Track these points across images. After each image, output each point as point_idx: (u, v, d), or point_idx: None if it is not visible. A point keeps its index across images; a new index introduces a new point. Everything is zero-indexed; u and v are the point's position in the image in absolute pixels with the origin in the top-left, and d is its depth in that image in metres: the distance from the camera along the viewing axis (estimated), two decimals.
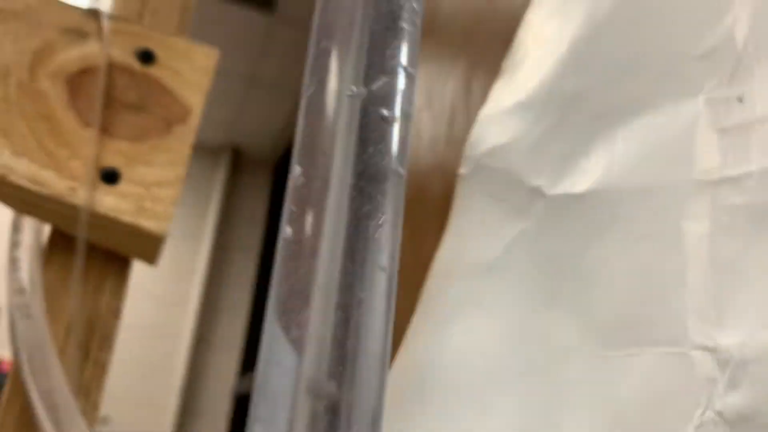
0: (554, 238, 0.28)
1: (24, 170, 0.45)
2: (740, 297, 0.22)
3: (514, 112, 0.33)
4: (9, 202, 0.47)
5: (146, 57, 0.51)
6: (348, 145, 0.23)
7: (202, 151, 3.78)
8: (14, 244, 0.46)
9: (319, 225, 0.21)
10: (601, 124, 0.29)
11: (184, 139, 0.51)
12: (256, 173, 3.87)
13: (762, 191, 0.22)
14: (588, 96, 0.30)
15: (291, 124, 3.37)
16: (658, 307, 0.24)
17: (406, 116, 0.23)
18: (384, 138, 0.23)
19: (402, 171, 0.21)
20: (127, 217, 0.47)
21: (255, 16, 2.68)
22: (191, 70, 0.53)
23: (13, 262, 0.45)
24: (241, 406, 3.52)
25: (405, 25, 0.27)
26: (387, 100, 0.23)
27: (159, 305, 3.57)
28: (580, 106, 0.30)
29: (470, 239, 0.31)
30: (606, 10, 0.31)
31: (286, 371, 0.19)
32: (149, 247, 0.49)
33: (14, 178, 0.45)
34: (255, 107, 3.28)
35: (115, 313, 0.49)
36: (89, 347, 0.47)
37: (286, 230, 0.20)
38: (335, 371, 0.19)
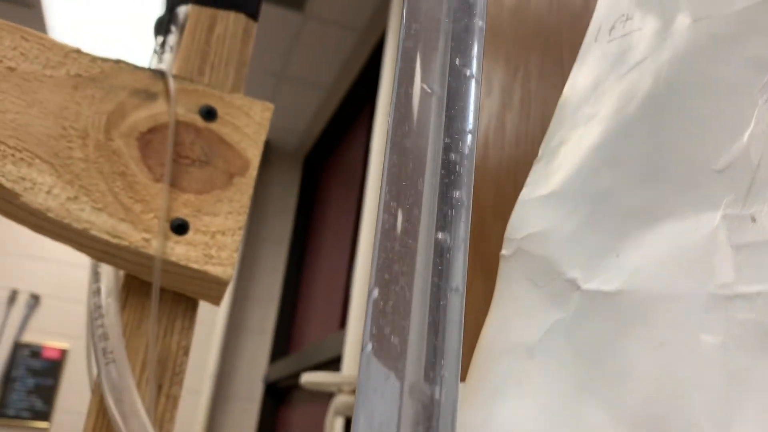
0: (588, 330, 0.32)
1: (103, 224, 0.50)
2: (749, 406, 0.25)
3: (551, 201, 0.36)
4: (89, 252, 0.52)
5: (209, 114, 0.56)
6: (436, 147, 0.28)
7: None
8: (95, 292, 0.51)
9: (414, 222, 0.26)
10: (630, 224, 0.32)
11: (244, 190, 0.56)
12: (286, 167, 3.93)
13: (766, 312, 0.25)
14: (618, 194, 0.33)
15: (319, 119, 3.41)
16: (676, 408, 0.27)
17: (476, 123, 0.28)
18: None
19: (469, 194, 0.25)
20: (196, 265, 0.52)
21: (285, 13, 2.72)
22: (249, 125, 0.57)
23: (96, 309, 0.50)
24: (271, 392, 3.61)
25: (479, 22, 0.32)
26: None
27: None
28: (610, 203, 0.34)
29: (514, 320, 0.35)
30: (636, 107, 0.35)
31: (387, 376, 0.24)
32: (215, 290, 0.54)
33: (95, 232, 0.50)
34: (284, 102, 3.32)
35: (185, 350, 0.53)
36: (162, 383, 0.52)
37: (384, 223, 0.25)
38: (429, 375, 0.24)
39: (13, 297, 3.21)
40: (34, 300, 3.24)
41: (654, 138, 0.34)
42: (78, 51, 0.53)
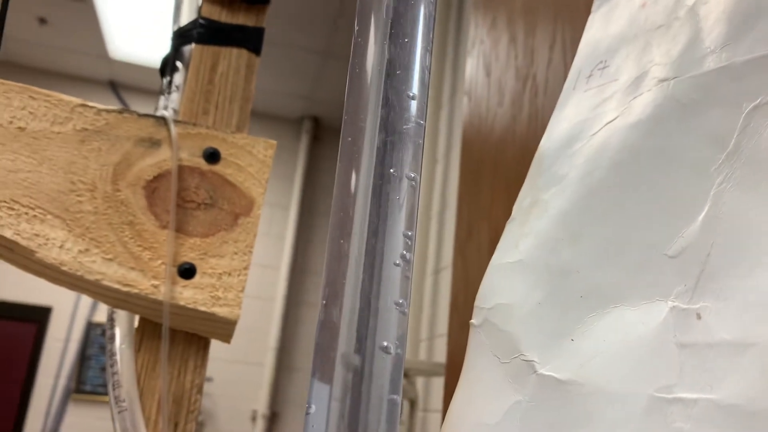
0: (541, 419, 0.32)
1: (114, 274, 0.53)
2: None
3: (517, 271, 0.36)
4: (103, 299, 0.54)
5: (212, 156, 0.57)
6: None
7: (286, 123, 3.89)
8: (109, 338, 0.54)
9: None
10: (586, 307, 0.32)
11: (249, 229, 0.57)
12: (336, 141, 3.95)
13: (700, 423, 0.25)
14: (577, 272, 0.33)
15: None
16: None
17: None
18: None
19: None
20: (204, 307, 0.54)
21: None
22: (252, 164, 0.58)
23: (110, 356, 0.53)
24: None
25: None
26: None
27: (258, 272, 3.76)
28: (570, 281, 0.33)
29: (478, 397, 0.36)
30: (601, 175, 0.34)
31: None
32: (224, 329, 0.56)
33: (107, 282, 0.52)
34: (331, 78, 3.33)
35: (198, 388, 0.56)
36: (178, 420, 0.55)
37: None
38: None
39: None
40: None
41: (615, 214, 0.33)
42: (83, 105, 0.55)
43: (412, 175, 0.30)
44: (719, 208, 0.29)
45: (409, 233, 0.30)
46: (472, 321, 0.38)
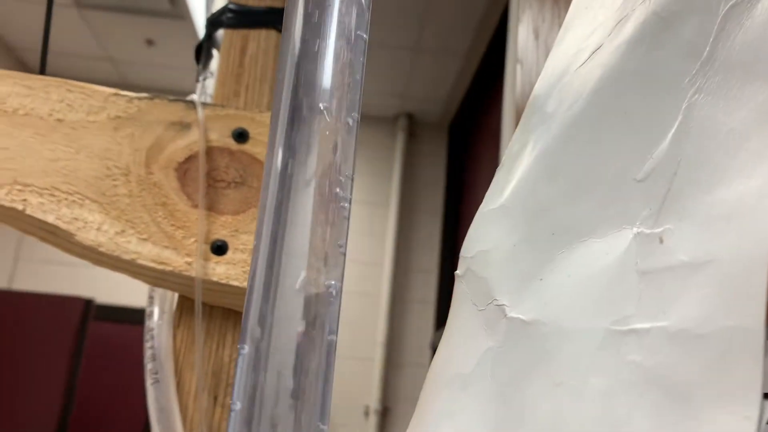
0: (508, 363, 0.30)
1: (149, 253, 0.55)
2: None
3: (498, 216, 0.34)
4: (141, 278, 0.57)
5: (241, 136, 0.58)
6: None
7: (381, 121, 3.92)
8: (148, 315, 0.56)
9: None
10: (557, 245, 0.29)
11: None
12: (432, 137, 3.94)
13: (651, 353, 0.22)
14: (552, 210, 0.31)
15: (459, 86, 3.37)
16: None
17: None
18: None
19: None
20: (237, 282, 0.55)
21: None
22: None
23: (148, 331, 0.55)
24: None
25: None
26: None
27: (360, 269, 3.82)
28: (545, 221, 0.31)
29: (455, 348, 0.34)
30: (581, 105, 0.31)
31: None
32: None
33: (142, 261, 0.54)
34: (423, 74, 3.32)
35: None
36: (217, 394, 0.56)
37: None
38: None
39: None
40: None
41: (591, 145, 0.30)
42: (116, 93, 0.58)
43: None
44: (689, 122, 0.26)
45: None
46: (456, 272, 0.36)
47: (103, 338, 3.41)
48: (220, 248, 0.56)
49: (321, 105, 0.27)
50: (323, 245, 0.26)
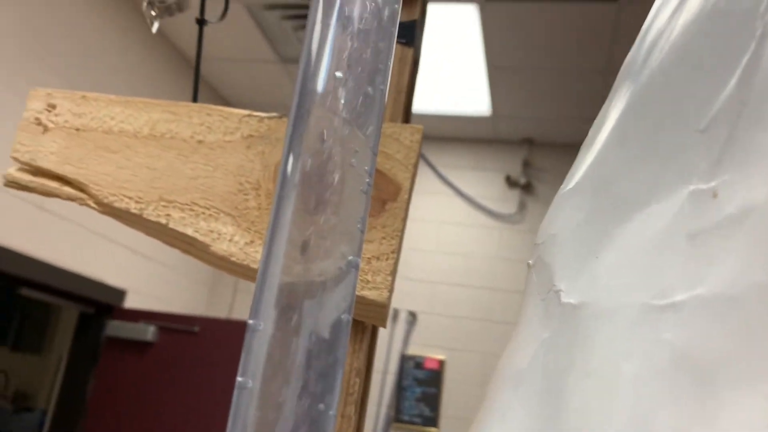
0: (555, 354, 0.25)
1: None
2: None
3: (569, 197, 0.30)
4: None
5: None
6: None
7: (574, 149, 3.79)
8: None
9: None
10: (617, 215, 0.25)
11: (396, 214, 0.57)
12: None
13: (685, 327, 0.18)
14: (617, 181, 0.26)
15: None
16: None
17: None
18: None
19: None
20: (368, 293, 0.56)
21: (599, 8, 2.61)
22: (400, 150, 0.59)
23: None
24: None
25: None
26: None
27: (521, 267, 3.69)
28: (608, 194, 0.27)
29: (518, 343, 0.30)
30: (650, 75, 0.27)
31: None
32: (375, 312, 0.56)
33: None
34: None
35: (357, 372, 0.57)
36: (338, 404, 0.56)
37: None
38: None
39: (395, 315, 3.65)
40: (412, 317, 3.64)
41: (662, 100, 0.26)
42: (249, 114, 0.62)
43: None
44: (762, 48, 0.21)
45: None
46: (528, 261, 0.33)
47: None
48: None
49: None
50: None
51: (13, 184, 0.61)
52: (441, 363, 3.57)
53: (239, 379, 0.25)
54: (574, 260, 0.28)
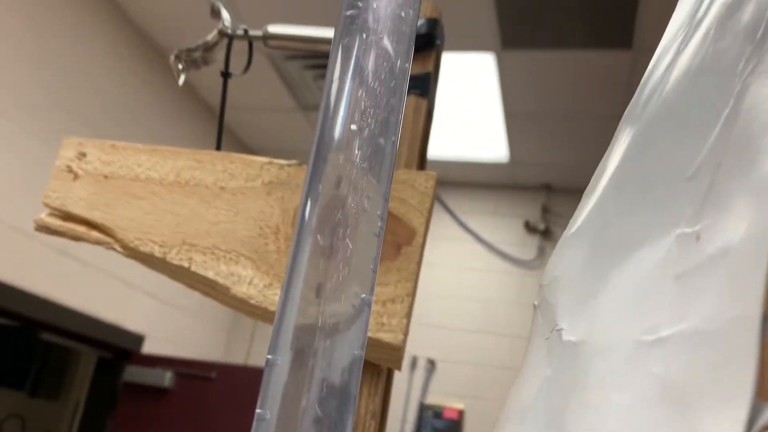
0: (556, 390, 0.27)
1: None
2: None
3: (572, 240, 0.32)
4: None
5: None
6: None
7: None
8: None
9: None
10: (614, 257, 0.27)
11: (411, 257, 0.59)
12: None
13: (671, 361, 0.19)
14: (614, 225, 0.28)
15: None
16: None
17: None
18: None
19: None
20: (370, 333, 0.57)
21: (614, 55, 2.65)
22: (414, 196, 0.61)
23: None
24: None
25: None
26: None
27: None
28: (607, 237, 0.28)
29: (524, 382, 0.31)
30: (646, 124, 0.29)
31: None
32: (390, 354, 0.57)
33: None
34: None
35: (373, 414, 0.58)
36: None
37: None
38: None
39: (414, 363, 3.62)
40: (431, 364, 3.60)
41: (655, 148, 0.28)
42: (270, 162, 0.64)
43: None
44: (739, 105, 0.23)
45: None
46: (534, 302, 0.34)
47: None
48: None
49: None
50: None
51: (43, 228, 0.64)
52: (460, 413, 3.51)
53: (258, 411, 0.26)
54: (575, 301, 0.29)
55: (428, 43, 0.67)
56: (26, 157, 2.38)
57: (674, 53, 0.31)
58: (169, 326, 3.40)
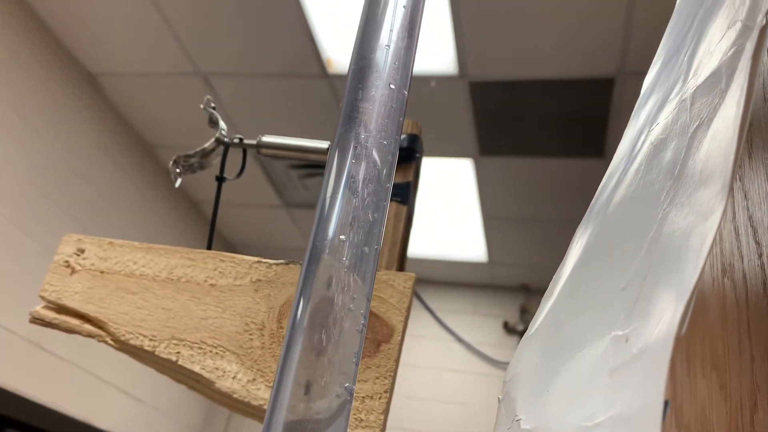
0: None
1: None
2: None
3: (531, 340, 0.36)
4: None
5: None
6: None
7: None
8: None
9: None
10: (563, 356, 0.31)
11: (390, 355, 0.62)
12: None
13: None
14: (564, 327, 0.32)
15: None
16: None
17: None
18: None
19: None
20: (348, 430, 0.59)
21: (585, 164, 2.77)
22: (393, 295, 0.65)
23: None
24: None
25: None
26: None
27: None
28: (558, 338, 0.32)
29: None
30: (593, 240, 0.34)
31: None
32: None
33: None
34: None
35: None
36: None
37: None
38: None
39: None
40: None
41: (599, 263, 0.32)
42: (259, 261, 0.68)
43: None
44: (660, 230, 0.28)
45: None
46: (498, 396, 0.37)
47: None
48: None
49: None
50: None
51: (38, 320, 0.66)
52: None
53: None
54: (531, 394, 0.33)
55: (409, 156, 0.73)
56: (8, 249, 2.39)
57: (616, 181, 0.37)
58: (139, 424, 3.31)
